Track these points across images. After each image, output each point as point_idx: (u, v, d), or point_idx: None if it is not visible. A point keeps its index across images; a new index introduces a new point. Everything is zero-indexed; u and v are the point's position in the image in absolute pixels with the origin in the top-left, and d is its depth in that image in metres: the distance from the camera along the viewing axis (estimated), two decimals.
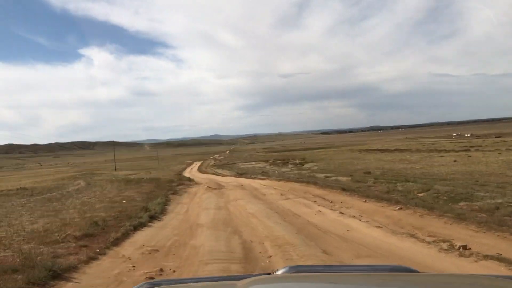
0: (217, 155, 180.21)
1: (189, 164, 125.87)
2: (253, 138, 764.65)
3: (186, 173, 67.94)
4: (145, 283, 1.89)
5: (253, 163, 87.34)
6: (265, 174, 44.84)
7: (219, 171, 66.43)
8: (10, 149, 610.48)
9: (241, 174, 47.83)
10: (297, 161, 72.05)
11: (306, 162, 66.06)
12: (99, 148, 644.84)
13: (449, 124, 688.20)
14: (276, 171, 49.70)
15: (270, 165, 71.31)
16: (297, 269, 2.00)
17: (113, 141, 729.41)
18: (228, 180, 42.83)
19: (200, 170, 79.17)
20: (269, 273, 2.08)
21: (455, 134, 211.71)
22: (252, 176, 43.76)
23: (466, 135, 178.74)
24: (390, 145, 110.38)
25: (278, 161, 79.23)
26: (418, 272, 2.15)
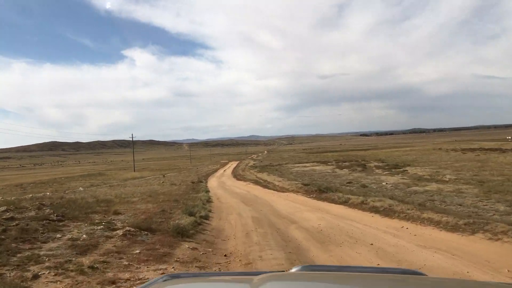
0: (254, 155, 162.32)
1: (223, 165, 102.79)
2: (290, 139, 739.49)
3: (213, 181, 44.13)
4: (165, 275, 1.89)
5: (307, 164, 63.08)
6: (377, 194, 20.09)
7: (264, 176, 42.08)
8: (54, 147, 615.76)
9: (320, 191, 22.59)
10: (384, 164, 46.94)
11: (403, 166, 40.95)
12: (138, 147, 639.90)
13: (495, 127, 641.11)
14: (386, 184, 25.18)
15: (339, 168, 46.82)
16: (310, 268, 2.01)
17: (151, 140, 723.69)
18: (298, 206, 18.38)
19: (235, 174, 54.97)
20: (283, 271, 2.06)
21: (509, 137, 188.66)
22: (350, 198, 18.68)
23: None
24: (485, 145, 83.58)
25: (345, 163, 54.58)
26: (427, 276, 2.12)
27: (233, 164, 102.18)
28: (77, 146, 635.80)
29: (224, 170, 73.47)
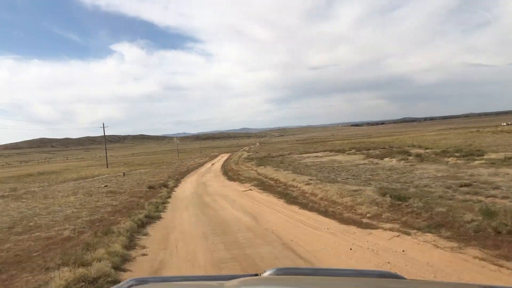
0: (247, 148, 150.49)
1: (212, 158, 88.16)
2: (282, 131, 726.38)
3: (190, 183, 29.33)
4: (131, 280, 1.81)
5: (320, 154, 49.11)
6: None
7: (270, 172, 27.78)
8: (42, 143, 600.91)
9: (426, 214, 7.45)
10: (440, 151, 32.77)
11: (478, 153, 26.75)
12: (129, 142, 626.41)
13: (486, 115, 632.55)
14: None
15: (376, 158, 32.85)
16: (284, 271, 1.94)
17: (141, 135, 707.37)
18: None
19: (225, 169, 40.63)
20: (256, 274, 2.00)
21: (504, 123, 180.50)
22: None
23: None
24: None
25: (375, 151, 40.58)
26: (406, 279, 2.08)
27: (224, 157, 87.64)
28: (66, 142, 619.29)
29: (212, 164, 58.95)
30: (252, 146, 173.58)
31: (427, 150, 34.66)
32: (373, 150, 42.14)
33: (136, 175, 39.55)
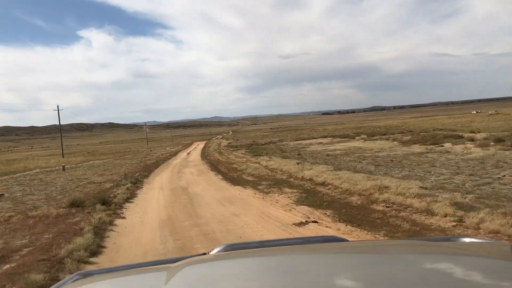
0: (220, 136, 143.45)
1: (187, 146, 77.96)
2: (254, 119, 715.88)
3: (158, 189, 18.26)
4: (76, 274, 1.75)
5: (324, 141, 40.08)
6: None
7: (287, 167, 17.53)
8: (6, 132, 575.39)
9: None
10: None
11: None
12: (97, 130, 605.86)
13: (452, 103, 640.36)
14: None
15: (409, 144, 23.77)
16: (231, 247, 1.96)
17: (110, 123, 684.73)
18: None
19: (209, 160, 30.97)
20: (205, 253, 2.00)
21: (474, 112, 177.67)
22: None
23: (490, 112, 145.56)
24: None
25: (396, 135, 31.88)
26: (348, 241, 2.17)
27: (200, 145, 77.59)
28: (32, 131, 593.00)
29: (188, 154, 49.09)
30: (225, 134, 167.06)
31: (480, 134, 25.94)
32: (398, 135, 33.26)
33: (83, 169, 29.40)
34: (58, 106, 71.01)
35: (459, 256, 1.56)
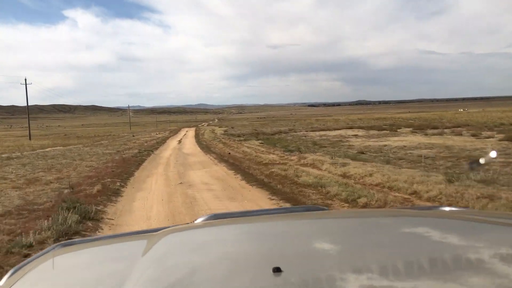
0: (205, 124, 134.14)
1: (175, 132, 67.74)
2: (239, 108, 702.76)
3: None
4: (57, 245, 1.72)
5: (350, 133, 30.62)
6: None
7: (400, 177, 7.24)
8: None
9: None
10: None
11: None
12: (80, 112, 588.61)
13: (437, 101, 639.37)
14: None
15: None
16: (215, 217, 1.96)
17: (94, 106, 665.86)
18: None
19: (218, 153, 20.27)
20: (188, 224, 2.02)
21: (461, 110, 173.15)
22: None
23: (477, 110, 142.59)
24: None
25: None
26: (328, 209, 2.22)
27: (190, 132, 67.42)
28: (12, 110, 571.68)
29: (180, 141, 39.31)
30: (211, 122, 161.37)
31: None
32: (463, 130, 24.07)
33: (20, 162, 18.87)
34: (26, 80, 59.93)
35: (436, 220, 1.60)
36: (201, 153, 23.96)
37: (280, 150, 20.85)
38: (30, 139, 60.28)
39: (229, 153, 22.22)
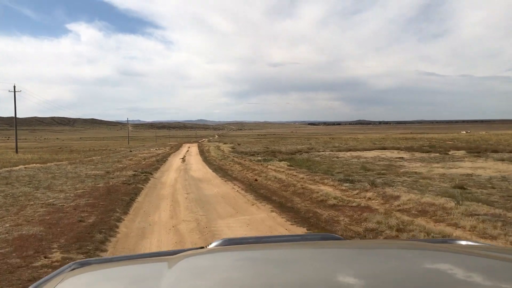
0: (205, 139, 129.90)
1: (175, 148, 61.74)
2: (239, 125, 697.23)
3: None
4: (73, 263, 1.75)
5: (404, 157, 24.11)
6: None
7: None
8: None
9: None
10: None
11: None
12: (79, 125, 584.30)
13: (438, 122, 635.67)
14: None
15: None
16: (229, 242, 1.95)
17: (93, 119, 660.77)
18: None
19: (231, 176, 13.32)
20: (202, 247, 1.98)
21: (464, 132, 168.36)
22: None
23: (481, 133, 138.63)
24: None
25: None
26: (344, 239, 2.17)
27: (191, 147, 61.43)
28: (10, 121, 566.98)
29: (183, 159, 33.38)
30: (211, 138, 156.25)
31: None
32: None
33: None
34: (14, 87, 54.13)
35: (458, 256, 1.53)
36: (216, 178, 17.85)
37: (327, 177, 14.84)
38: (16, 152, 54.24)
39: (256, 180, 16.18)
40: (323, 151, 34.73)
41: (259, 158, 28.22)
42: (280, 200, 10.95)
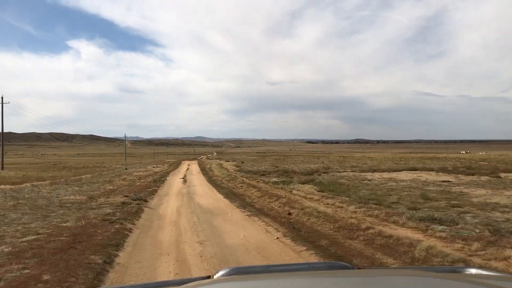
0: (204, 156, 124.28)
1: (174, 166, 57.18)
2: (238, 142, 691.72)
3: None
4: None
5: (451, 180, 19.21)
6: None
7: None
8: None
9: None
10: None
11: None
12: (77, 141, 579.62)
13: (435, 142, 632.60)
14: None
15: None
16: (236, 271, 1.91)
17: (91, 135, 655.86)
18: None
19: (256, 209, 8.79)
20: (209, 276, 1.95)
21: (463, 151, 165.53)
22: None
23: (480, 153, 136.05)
24: None
25: None
26: (353, 268, 2.09)
27: (192, 165, 56.84)
28: (9, 137, 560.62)
29: (184, 179, 28.94)
30: (210, 155, 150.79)
31: None
32: None
33: None
34: (2, 98, 49.71)
35: (471, 286, 1.48)
36: (232, 208, 13.34)
37: (391, 212, 10.41)
38: (2, 168, 49.56)
39: (290, 214, 11.72)
40: (343, 172, 30.31)
41: (275, 179, 23.78)
42: (364, 262, 6.46)
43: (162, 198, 17.00)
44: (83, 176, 31.95)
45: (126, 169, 47.73)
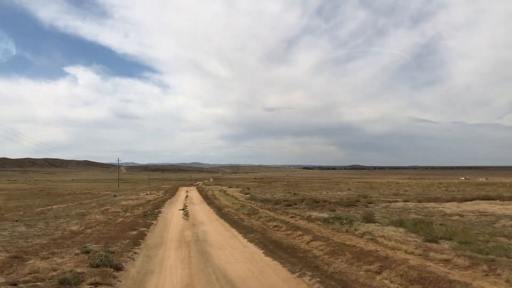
0: (200, 182, 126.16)
1: (171, 193, 50.00)
2: (234, 168, 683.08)
3: None
4: None
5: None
6: None
7: None
8: None
9: None
10: None
11: None
12: (72, 167, 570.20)
13: (432, 168, 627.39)
14: None
15: None
16: None
17: (87, 161, 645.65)
18: None
19: None
20: None
21: (462, 178, 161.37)
22: None
23: (481, 179, 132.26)
24: None
25: None
26: None
27: (191, 192, 49.76)
28: (3, 163, 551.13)
29: (185, 212, 21.92)
30: (206, 181, 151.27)
31: None
32: None
33: None
34: None
35: None
36: None
37: None
38: None
39: None
40: (394, 201, 23.38)
41: (315, 213, 16.81)
42: None
43: (151, 256, 10.05)
44: (54, 207, 24.98)
45: (115, 196, 40.80)
